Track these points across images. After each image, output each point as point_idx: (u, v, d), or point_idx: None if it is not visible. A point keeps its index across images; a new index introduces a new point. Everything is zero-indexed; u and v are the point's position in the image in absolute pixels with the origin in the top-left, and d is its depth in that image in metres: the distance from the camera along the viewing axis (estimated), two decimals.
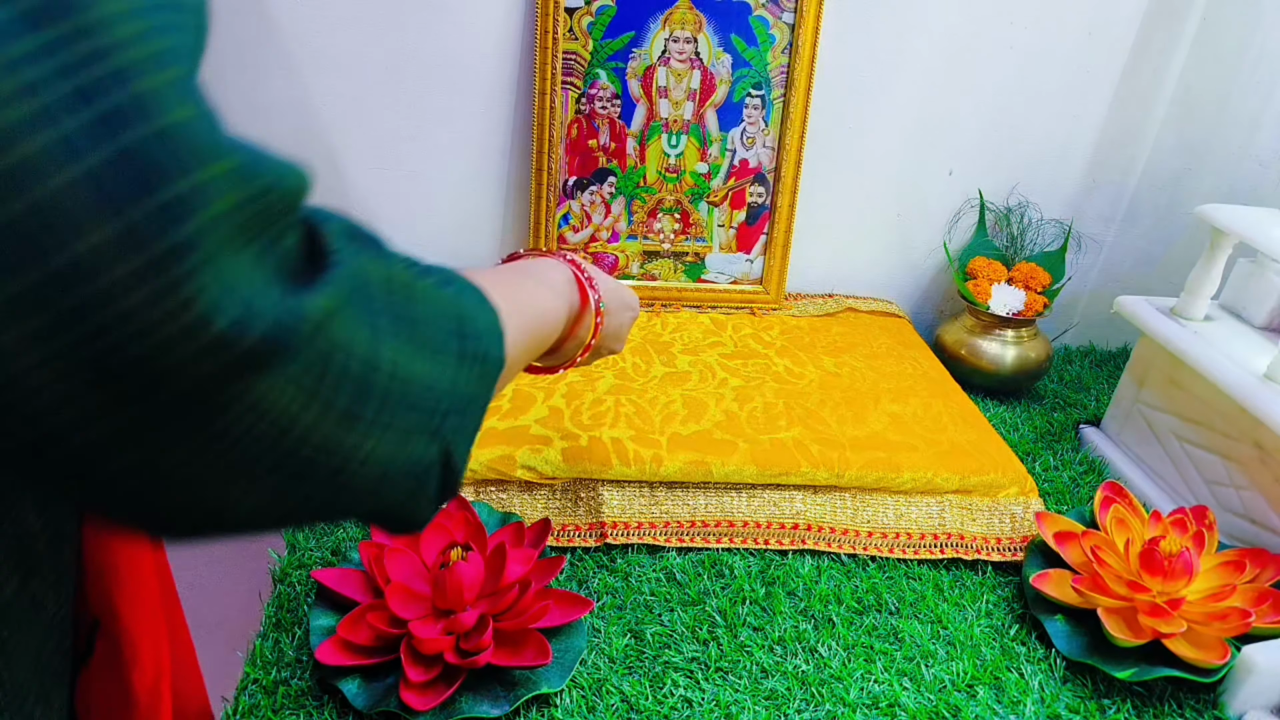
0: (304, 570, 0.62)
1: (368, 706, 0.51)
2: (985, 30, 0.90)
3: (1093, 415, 0.90)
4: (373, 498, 0.31)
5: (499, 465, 0.66)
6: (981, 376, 0.91)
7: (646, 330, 0.88)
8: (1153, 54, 0.93)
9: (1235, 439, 0.71)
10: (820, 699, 0.56)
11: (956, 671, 0.58)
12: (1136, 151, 0.99)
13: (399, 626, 0.53)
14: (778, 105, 0.88)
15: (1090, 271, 1.06)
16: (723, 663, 0.58)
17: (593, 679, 0.56)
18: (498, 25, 0.85)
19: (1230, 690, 0.57)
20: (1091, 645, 0.60)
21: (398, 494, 0.32)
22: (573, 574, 0.65)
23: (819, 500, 0.69)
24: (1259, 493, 0.69)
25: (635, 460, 0.67)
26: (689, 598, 0.63)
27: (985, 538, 0.69)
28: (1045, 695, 0.57)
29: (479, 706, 0.52)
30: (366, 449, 0.29)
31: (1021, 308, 0.90)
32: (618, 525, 0.67)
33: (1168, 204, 1.01)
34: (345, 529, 0.66)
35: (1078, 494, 0.78)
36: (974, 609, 0.64)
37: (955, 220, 1.01)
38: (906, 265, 1.03)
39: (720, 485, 0.68)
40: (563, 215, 0.91)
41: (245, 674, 0.54)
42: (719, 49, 0.85)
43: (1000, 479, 0.70)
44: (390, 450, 0.31)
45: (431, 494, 0.34)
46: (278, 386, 0.25)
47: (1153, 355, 0.79)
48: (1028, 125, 0.96)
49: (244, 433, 0.25)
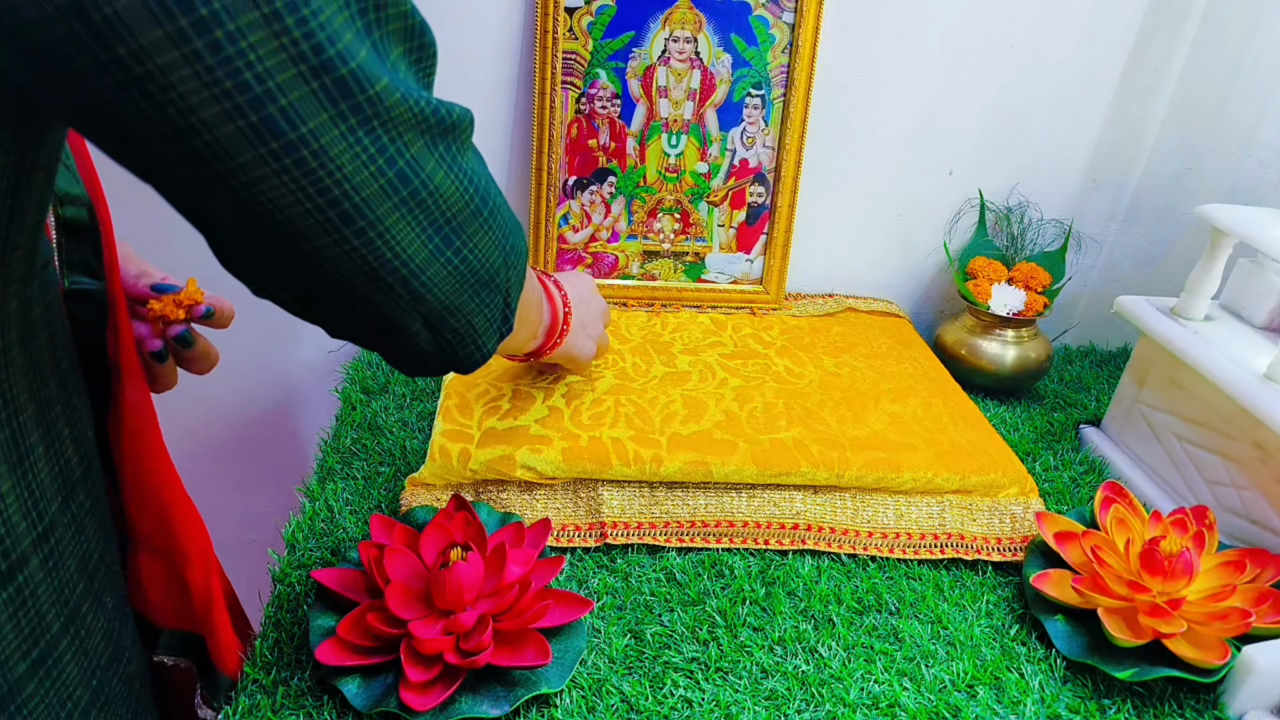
0: (304, 570, 0.62)
1: (368, 706, 0.51)
2: (985, 30, 0.90)
3: (1093, 415, 0.90)
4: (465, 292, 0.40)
5: (499, 465, 0.66)
6: (981, 376, 0.91)
7: (646, 330, 0.88)
8: (1153, 54, 0.93)
9: (1235, 439, 0.71)
10: (820, 699, 0.56)
11: (956, 671, 0.58)
12: (1136, 151, 0.99)
13: (399, 627, 0.53)
14: (778, 105, 0.88)
15: (1090, 271, 1.06)
16: (723, 663, 0.58)
17: (593, 679, 0.56)
18: (497, 25, 0.85)
19: (1230, 690, 0.57)
20: (1091, 645, 0.60)
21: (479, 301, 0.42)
22: (573, 574, 0.65)
23: (819, 500, 0.69)
24: (1259, 493, 0.69)
25: (635, 460, 0.67)
26: (689, 598, 0.63)
27: (985, 538, 0.69)
28: (1045, 695, 0.57)
29: (479, 706, 0.52)
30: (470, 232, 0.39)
31: (1022, 308, 0.90)
32: (618, 525, 0.67)
33: (1168, 204, 1.01)
34: (344, 529, 0.66)
35: (1078, 494, 0.78)
36: (974, 609, 0.64)
37: (955, 220, 1.01)
38: (906, 265, 1.03)
39: (720, 485, 0.68)
40: (563, 215, 0.91)
41: (245, 674, 0.54)
42: (719, 49, 0.85)
43: (1000, 479, 0.70)
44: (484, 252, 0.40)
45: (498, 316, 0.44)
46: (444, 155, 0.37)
47: (1153, 355, 0.79)
48: (1028, 125, 0.96)
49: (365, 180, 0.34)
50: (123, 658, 0.46)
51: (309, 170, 0.32)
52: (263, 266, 0.37)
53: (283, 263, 0.36)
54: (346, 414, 0.80)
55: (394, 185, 0.34)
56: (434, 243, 0.37)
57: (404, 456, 0.74)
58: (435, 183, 0.36)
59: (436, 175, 0.36)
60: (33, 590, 0.39)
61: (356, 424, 0.78)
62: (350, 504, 0.69)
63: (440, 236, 0.38)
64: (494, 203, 0.40)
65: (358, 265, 0.36)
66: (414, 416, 0.80)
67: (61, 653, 0.41)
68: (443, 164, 0.37)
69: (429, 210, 0.36)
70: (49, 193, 0.37)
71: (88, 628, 0.43)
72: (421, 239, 0.37)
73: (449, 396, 0.73)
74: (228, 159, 0.30)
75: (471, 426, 0.69)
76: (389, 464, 0.74)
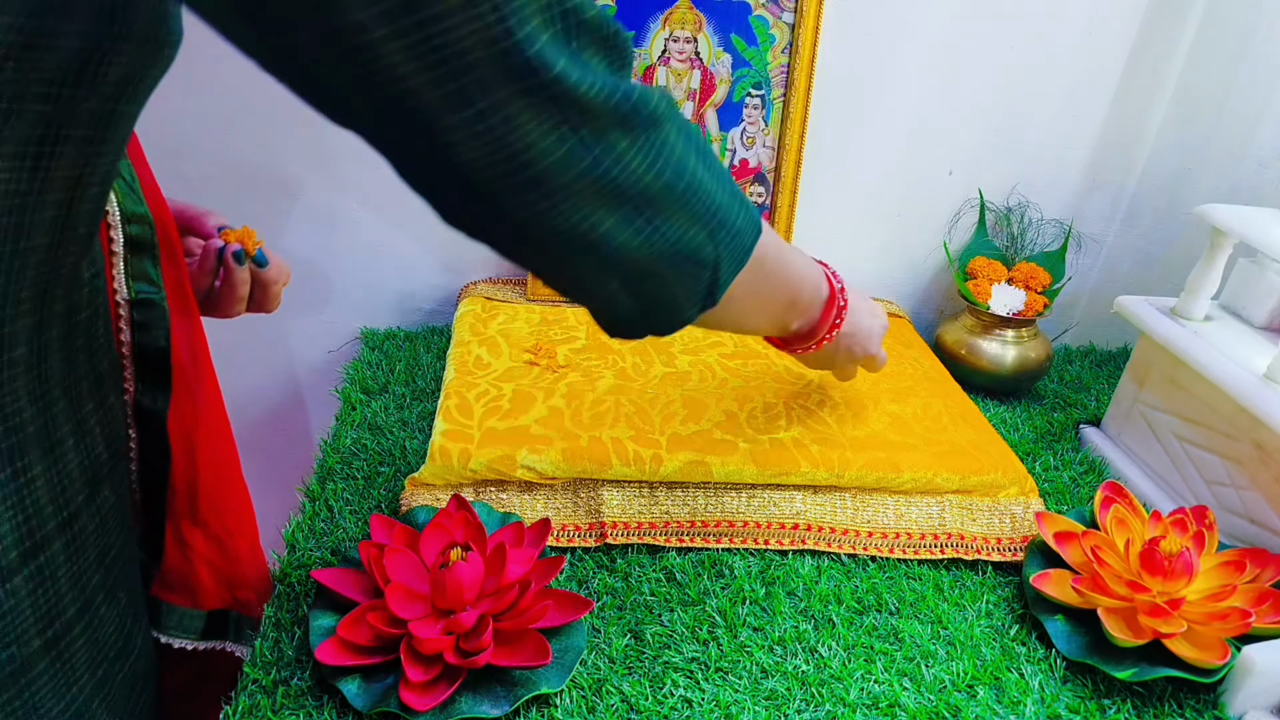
0: (304, 570, 0.62)
1: (368, 706, 0.51)
2: (985, 30, 0.90)
3: (1093, 415, 0.90)
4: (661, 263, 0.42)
5: (499, 465, 0.66)
6: (981, 376, 0.91)
7: None
8: (1153, 54, 0.93)
9: (1235, 439, 0.71)
10: (820, 699, 0.56)
11: (956, 671, 0.58)
12: (1136, 151, 0.99)
13: (399, 626, 0.53)
14: (778, 105, 0.88)
15: (1090, 271, 1.06)
16: (723, 663, 0.58)
17: (593, 679, 0.56)
18: None
19: (1230, 690, 0.57)
20: (1091, 645, 0.60)
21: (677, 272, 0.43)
22: (573, 574, 0.65)
23: (819, 500, 0.69)
24: (1259, 493, 0.69)
25: (635, 460, 0.67)
26: (689, 598, 0.63)
27: (985, 538, 0.69)
28: (1045, 695, 0.57)
29: (479, 706, 0.52)
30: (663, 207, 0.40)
31: (1021, 308, 0.90)
32: (617, 525, 0.67)
33: (1168, 204, 1.01)
34: (344, 529, 0.66)
35: (1078, 494, 0.78)
36: (974, 609, 0.64)
37: (955, 220, 1.01)
38: (906, 265, 1.03)
39: (720, 485, 0.68)
40: None
41: (245, 674, 0.54)
42: (719, 49, 0.85)
43: (1000, 479, 0.70)
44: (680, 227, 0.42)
45: (701, 289, 0.45)
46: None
47: (1153, 355, 0.79)
48: (1028, 125, 0.96)
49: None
50: (131, 654, 0.48)
51: (498, 136, 0.35)
52: (465, 214, 0.41)
53: (486, 219, 0.40)
54: (346, 414, 0.80)
55: (589, 169, 0.37)
56: (623, 212, 0.39)
57: (404, 456, 0.74)
58: (626, 160, 0.38)
59: (628, 155, 0.38)
60: (53, 572, 0.41)
61: (356, 424, 0.78)
62: (350, 504, 0.69)
63: (631, 207, 0.39)
64: (692, 180, 0.41)
65: (548, 228, 0.38)
66: (414, 416, 0.80)
67: (74, 637, 0.43)
68: (636, 143, 0.38)
69: (619, 185, 0.38)
70: (101, 208, 0.41)
71: (100, 618, 0.45)
72: (609, 208, 0.39)
73: (449, 396, 0.73)
74: (432, 120, 0.34)
75: (471, 426, 0.69)
76: (389, 464, 0.74)
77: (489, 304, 0.90)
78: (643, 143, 0.39)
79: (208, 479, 0.56)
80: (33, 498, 0.39)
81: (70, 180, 0.37)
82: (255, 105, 0.87)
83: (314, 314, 1.00)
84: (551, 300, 0.93)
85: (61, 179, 0.36)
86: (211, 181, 0.90)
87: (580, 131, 0.36)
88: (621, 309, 0.45)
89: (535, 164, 0.36)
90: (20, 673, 0.40)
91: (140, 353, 0.51)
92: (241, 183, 0.91)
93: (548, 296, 0.93)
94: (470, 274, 0.99)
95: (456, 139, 0.35)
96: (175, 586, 0.55)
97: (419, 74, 0.33)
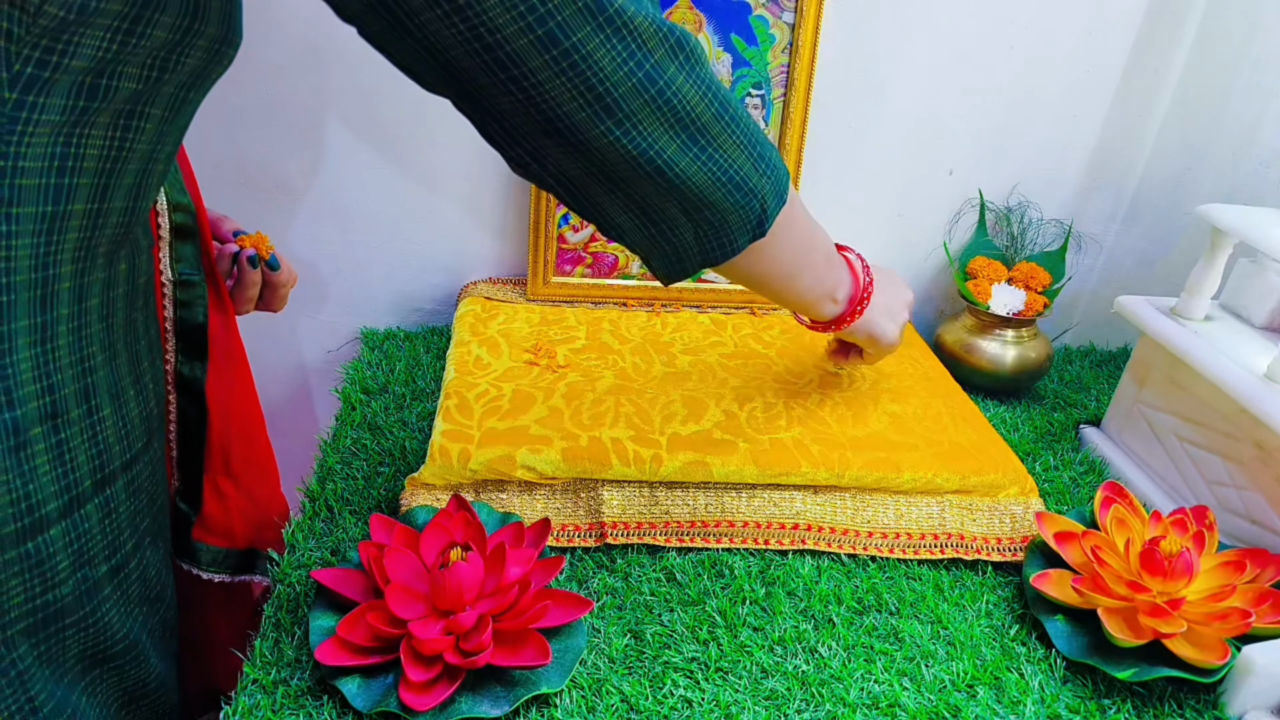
0: (304, 570, 0.62)
1: (367, 706, 0.51)
2: (985, 30, 0.90)
3: (1093, 415, 0.90)
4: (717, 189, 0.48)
5: (499, 465, 0.66)
6: (981, 376, 0.91)
7: (647, 330, 0.88)
8: (1153, 54, 0.93)
9: (1235, 439, 0.71)
10: (820, 699, 0.56)
11: (956, 671, 0.58)
12: (1136, 152, 0.99)
13: (399, 627, 0.53)
14: (778, 105, 0.88)
15: (1090, 271, 1.06)
16: (723, 663, 0.58)
17: (593, 679, 0.56)
18: None
19: (1230, 690, 0.57)
20: (1091, 645, 0.60)
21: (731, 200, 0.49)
22: (572, 574, 0.65)
23: (819, 500, 0.69)
24: (1259, 493, 0.69)
25: (635, 460, 0.67)
26: (689, 598, 0.63)
27: (985, 538, 0.69)
28: (1045, 695, 0.57)
29: (479, 706, 0.52)
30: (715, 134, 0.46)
31: (1021, 308, 0.90)
32: (617, 525, 0.67)
33: (1168, 204, 1.01)
34: (344, 529, 0.66)
35: (1078, 494, 0.78)
36: (974, 609, 0.64)
37: (955, 220, 1.01)
38: (906, 265, 1.03)
39: (720, 485, 0.68)
40: (563, 214, 0.91)
41: (245, 674, 0.54)
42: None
43: (1000, 479, 0.70)
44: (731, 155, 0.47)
45: (752, 218, 0.50)
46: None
47: (1153, 355, 0.79)
48: (1028, 125, 0.96)
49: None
50: (165, 601, 0.54)
51: (580, 72, 0.41)
52: (544, 158, 0.46)
53: (562, 154, 0.45)
54: (346, 414, 0.80)
55: (643, 85, 0.43)
56: (681, 138, 0.45)
57: (404, 456, 0.74)
58: (677, 85, 0.44)
59: (677, 79, 0.44)
60: (117, 506, 0.47)
61: (356, 424, 0.78)
62: (350, 504, 0.69)
63: (687, 134, 0.45)
64: (735, 112, 0.47)
65: (620, 154, 0.45)
66: (414, 416, 0.80)
67: (130, 570, 0.49)
68: (682, 71, 0.44)
69: (674, 108, 0.44)
70: (160, 185, 0.47)
71: (148, 561, 0.51)
72: (670, 133, 0.45)
73: (449, 396, 0.73)
74: (522, 64, 0.40)
75: (471, 426, 0.69)
76: (389, 464, 0.74)
77: (489, 304, 0.90)
78: (690, 71, 0.44)
79: (239, 439, 0.64)
80: (103, 434, 0.45)
81: (146, 154, 0.43)
82: (256, 105, 0.87)
83: (314, 314, 1.00)
84: (551, 300, 0.93)
85: (141, 152, 0.42)
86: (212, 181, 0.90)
87: (638, 57, 0.42)
88: (684, 239, 0.50)
89: (610, 92, 0.42)
90: (92, 593, 0.46)
91: (181, 328, 0.59)
92: (241, 182, 0.91)
93: (547, 296, 0.93)
94: (470, 274, 0.99)
95: (544, 78, 0.41)
96: (214, 530, 0.64)
97: (513, 23, 0.39)
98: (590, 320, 0.89)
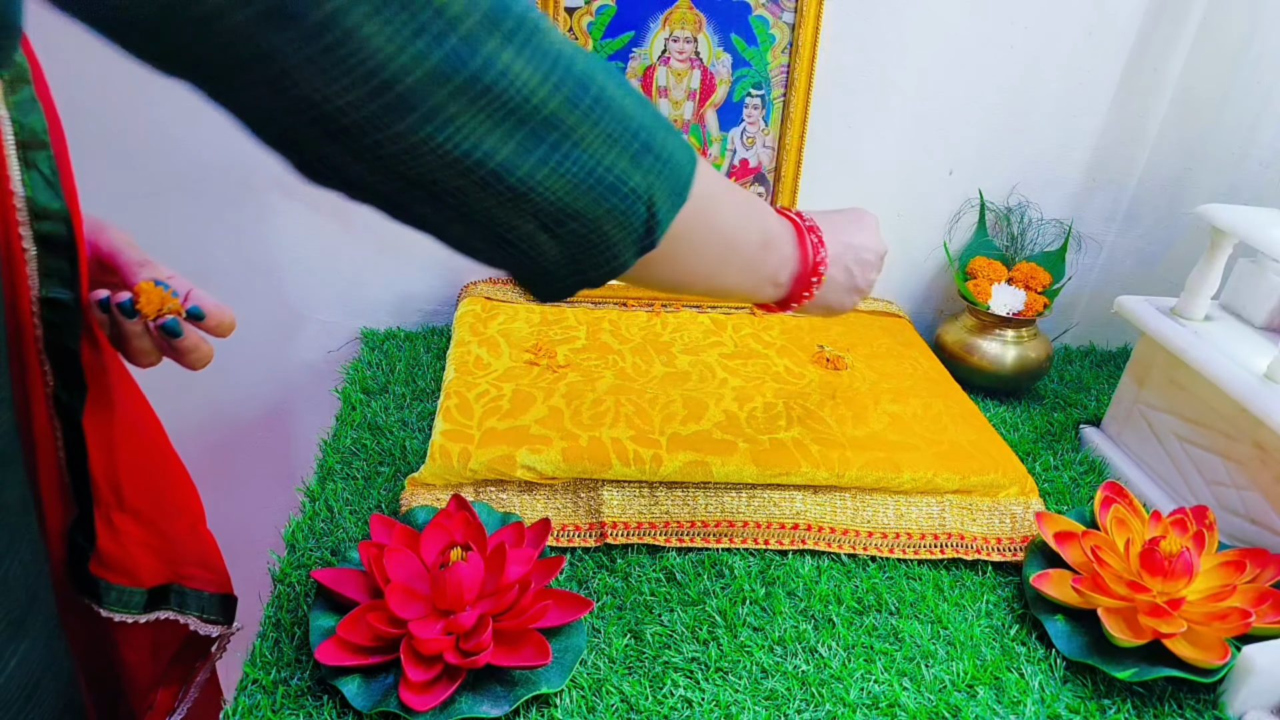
0: (304, 570, 0.62)
1: (368, 707, 0.51)
2: (985, 30, 0.90)
3: (1093, 415, 0.90)
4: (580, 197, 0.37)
5: (499, 465, 0.66)
6: (981, 376, 0.91)
7: (646, 330, 0.88)
8: (1153, 54, 0.93)
9: (1235, 439, 0.71)
10: (820, 699, 0.56)
11: (956, 671, 0.58)
12: (1136, 151, 0.99)
13: (399, 626, 0.53)
14: (778, 105, 0.88)
15: (1090, 271, 1.06)
16: (723, 663, 0.58)
17: (593, 679, 0.56)
18: None
19: (1230, 690, 0.57)
20: (1091, 645, 0.60)
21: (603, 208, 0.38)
22: (572, 574, 0.65)
23: (819, 500, 0.69)
24: (1259, 493, 0.69)
25: (635, 460, 0.67)
26: (689, 598, 0.63)
27: (985, 538, 0.69)
28: (1045, 695, 0.57)
29: (479, 706, 0.52)
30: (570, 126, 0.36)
31: (1021, 308, 0.90)
32: (617, 525, 0.67)
33: (1168, 204, 1.02)
34: (344, 529, 0.66)
35: (1078, 494, 0.78)
36: (974, 609, 0.64)
37: (955, 220, 1.01)
38: (906, 265, 1.03)
39: (720, 485, 0.68)
40: None
41: (245, 674, 0.54)
42: (719, 49, 0.86)
43: (1000, 479, 0.70)
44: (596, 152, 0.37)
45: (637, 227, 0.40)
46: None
47: (1153, 355, 0.79)
48: (1028, 125, 0.96)
49: None
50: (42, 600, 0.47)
51: (342, 56, 0.30)
52: (344, 173, 0.35)
53: (360, 165, 0.34)
54: (346, 414, 0.80)
55: (442, 70, 0.32)
56: (518, 135, 0.35)
57: (404, 456, 0.74)
58: (500, 68, 0.33)
59: (500, 60, 0.33)
60: None
61: (356, 424, 0.78)
62: (350, 504, 0.69)
63: (526, 129, 0.35)
64: (602, 94, 0.36)
65: (433, 161, 0.34)
66: (414, 416, 0.80)
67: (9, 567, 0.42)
68: (509, 48, 0.33)
69: (500, 98, 0.33)
70: None
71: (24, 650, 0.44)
72: (500, 130, 0.34)
73: (449, 396, 0.73)
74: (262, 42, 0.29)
75: (471, 426, 0.69)
76: (389, 464, 0.74)
77: (489, 304, 0.90)
78: (523, 49, 0.34)
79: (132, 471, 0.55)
80: None
81: None
82: None
83: (314, 314, 1.00)
84: None
85: None
86: (210, 180, 0.90)
87: (432, 33, 0.31)
88: (548, 258, 0.40)
89: (397, 82, 0.31)
90: None
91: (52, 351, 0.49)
92: (239, 182, 0.91)
93: None
94: (470, 274, 0.99)
95: (292, 64, 0.30)
96: (112, 567, 0.55)
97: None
98: (590, 320, 0.89)
